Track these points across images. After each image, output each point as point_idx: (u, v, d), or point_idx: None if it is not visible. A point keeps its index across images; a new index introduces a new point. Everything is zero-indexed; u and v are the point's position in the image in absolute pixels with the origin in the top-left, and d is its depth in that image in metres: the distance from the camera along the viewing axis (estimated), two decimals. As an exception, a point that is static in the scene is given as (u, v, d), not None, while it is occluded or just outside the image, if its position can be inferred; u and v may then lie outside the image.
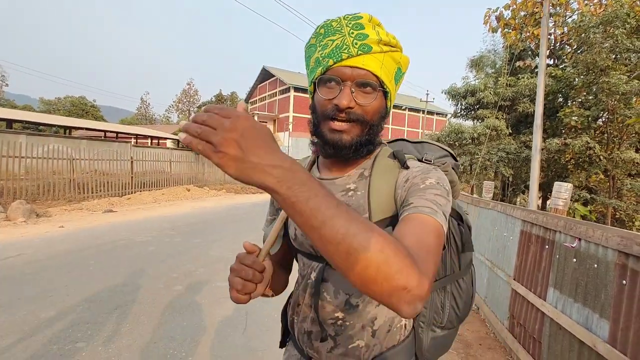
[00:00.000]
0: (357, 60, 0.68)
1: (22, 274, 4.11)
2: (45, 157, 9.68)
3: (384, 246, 0.46)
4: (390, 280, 0.45)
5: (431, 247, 0.56)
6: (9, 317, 3.05)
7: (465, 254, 0.85)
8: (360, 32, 0.68)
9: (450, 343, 0.92)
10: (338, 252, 0.45)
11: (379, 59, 0.69)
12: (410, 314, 0.48)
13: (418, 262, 0.49)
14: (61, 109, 43.56)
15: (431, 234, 0.58)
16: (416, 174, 0.72)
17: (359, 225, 0.46)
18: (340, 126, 0.70)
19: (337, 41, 0.68)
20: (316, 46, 0.71)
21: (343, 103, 0.67)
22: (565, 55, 12.54)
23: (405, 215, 0.63)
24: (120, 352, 2.62)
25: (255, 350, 2.76)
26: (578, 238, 2.10)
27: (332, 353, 0.77)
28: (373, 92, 0.70)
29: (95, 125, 23.42)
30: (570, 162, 10.94)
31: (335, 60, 0.68)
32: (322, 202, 0.44)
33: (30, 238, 5.87)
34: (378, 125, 0.74)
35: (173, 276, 4.32)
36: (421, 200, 0.64)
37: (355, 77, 0.68)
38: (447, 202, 0.67)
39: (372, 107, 0.71)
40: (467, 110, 14.34)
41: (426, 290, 0.47)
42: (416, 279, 0.46)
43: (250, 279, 0.61)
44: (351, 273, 0.46)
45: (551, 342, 2.31)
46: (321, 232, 0.44)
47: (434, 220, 0.60)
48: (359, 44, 0.67)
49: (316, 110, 0.74)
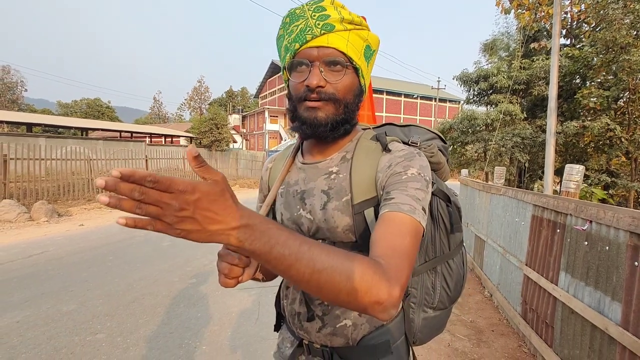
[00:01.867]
0: (322, 39, 0.69)
1: (46, 270, 4.29)
2: (64, 158, 9.99)
3: (350, 273, 0.49)
4: (362, 300, 0.50)
5: (406, 250, 0.58)
6: (34, 310, 3.20)
7: (454, 235, 0.85)
8: (322, 14, 0.69)
9: (444, 324, 0.93)
10: (310, 288, 0.49)
11: (344, 37, 0.70)
12: (387, 319, 0.53)
13: (389, 272, 0.53)
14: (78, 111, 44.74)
15: (407, 235, 0.60)
16: (399, 161, 0.72)
17: (324, 259, 0.49)
18: (314, 104, 0.71)
19: (301, 25, 0.69)
20: (284, 35, 0.73)
21: (313, 82, 0.68)
22: (583, 34, 12.02)
23: (385, 213, 0.64)
24: (138, 342, 2.72)
25: (267, 339, 2.82)
26: (589, 220, 2.05)
27: (320, 333, 0.78)
28: (342, 70, 0.71)
29: (110, 126, 23.99)
30: (589, 145, 10.57)
31: (301, 43, 0.69)
32: (284, 248, 0.47)
33: (52, 236, 6.11)
34: (353, 103, 0.75)
35: (187, 270, 4.43)
36: (402, 195, 0.65)
37: (322, 56, 0.69)
38: (426, 194, 0.68)
39: (342, 84, 0.71)
40: (480, 96, 13.97)
41: (397, 297, 0.52)
42: (386, 292, 0.51)
43: (236, 264, 0.62)
44: (327, 300, 0.51)
45: (563, 326, 2.27)
46: (290, 274, 0.48)
47: (412, 219, 0.62)
48: (321, 24, 0.69)
49: (291, 95, 0.75)
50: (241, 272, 0.63)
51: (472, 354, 2.71)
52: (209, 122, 18.31)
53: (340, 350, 0.78)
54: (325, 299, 0.51)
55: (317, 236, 0.77)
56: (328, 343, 0.78)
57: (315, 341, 0.80)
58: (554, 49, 6.16)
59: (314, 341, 0.80)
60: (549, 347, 2.42)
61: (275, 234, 0.47)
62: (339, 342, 0.77)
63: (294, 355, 0.85)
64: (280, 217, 0.84)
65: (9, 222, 7.07)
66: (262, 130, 36.28)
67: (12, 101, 39.75)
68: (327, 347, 0.79)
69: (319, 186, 0.77)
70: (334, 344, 0.78)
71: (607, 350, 1.84)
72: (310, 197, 0.78)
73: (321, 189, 0.77)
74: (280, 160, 0.91)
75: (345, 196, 0.74)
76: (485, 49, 15.36)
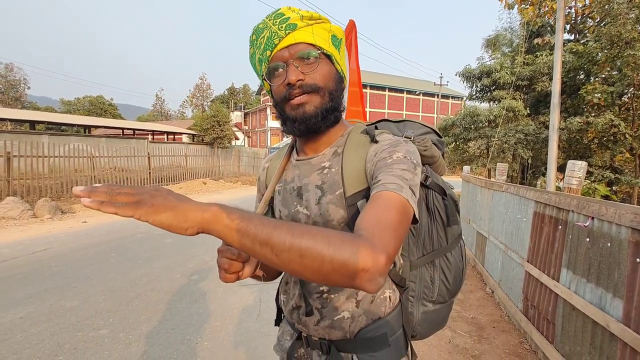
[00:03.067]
0: (288, 39, 0.71)
1: (49, 267, 4.32)
2: (67, 155, 10.04)
3: (329, 239, 0.49)
4: (346, 267, 0.48)
5: (390, 222, 0.57)
6: (37, 306, 3.23)
7: (451, 228, 0.85)
8: (283, 18, 0.72)
9: (445, 319, 0.93)
10: (291, 259, 0.48)
11: (308, 31, 0.73)
12: (375, 290, 0.50)
13: (372, 240, 0.52)
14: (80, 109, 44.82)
15: (392, 209, 0.59)
16: (384, 147, 0.73)
17: (301, 229, 0.49)
18: (300, 99, 0.72)
19: (267, 34, 0.73)
20: (255, 51, 0.76)
21: (292, 79, 0.71)
22: (587, 29, 11.91)
23: (372, 194, 0.64)
24: (140, 338, 2.74)
25: (268, 335, 2.84)
26: (591, 217, 2.03)
27: (318, 325, 0.79)
28: (315, 60, 0.73)
29: (113, 123, 24.04)
30: (593, 142, 10.49)
31: (271, 49, 0.72)
32: (259, 219, 0.50)
33: (55, 233, 6.15)
34: (336, 90, 0.76)
35: (189, 267, 4.45)
36: (387, 176, 0.66)
37: (293, 53, 0.72)
38: (414, 175, 0.68)
39: (320, 73, 0.73)
40: (483, 92, 13.88)
41: (384, 264, 0.50)
42: (370, 258, 0.49)
43: (235, 258, 0.63)
44: (311, 274, 0.49)
45: (565, 323, 2.26)
46: (271, 243, 0.48)
47: (398, 195, 0.62)
48: (284, 26, 0.72)
49: (275, 100, 0.77)
50: (241, 267, 0.64)
51: (473, 350, 2.71)
52: (211, 119, 18.31)
53: (338, 343, 0.79)
54: (307, 271, 0.49)
55: None
56: (326, 336, 0.79)
57: (313, 334, 0.81)
58: (557, 45, 6.11)
59: (312, 334, 0.81)
60: (550, 343, 2.41)
61: (247, 214, 0.50)
62: (337, 334, 0.78)
63: (293, 348, 0.86)
64: (279, 214, 0.85)
65: (12, 219, 7.12)
66: (264, 127, 36.27)
67: (15, 99, 39.91)
68: (325, 339, 0.80)
69: (313, 181, 0.79)
70: (331, 336, 0.79)
71: (608, 346, 1.83)
72: (306, 192, 0.79)
73: (315, 184, 0.78)
74: (277, 159, 0.93)
75: (338, 190, 0.75)
76: (488, 44, 15.25)
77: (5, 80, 39.46)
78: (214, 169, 17.23)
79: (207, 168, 16.75)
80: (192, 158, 15.77)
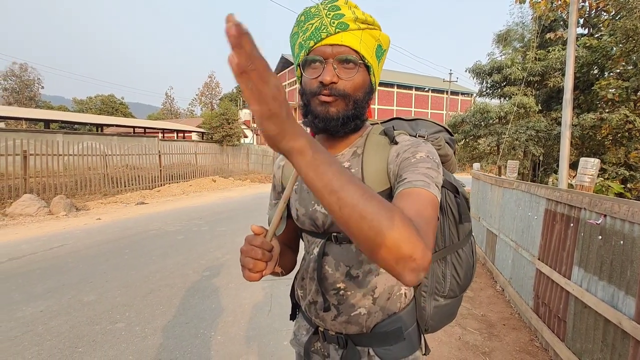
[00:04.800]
0: (336, 37, 0.71)
1: (66, 263, 4.45)
2: (81, 154, 10.25)
3: (394, 215, 0.48)
4: (399, 247, 0.47)
5: (429, 219, 0.58)
6: (56, 301, 3.33)
7: (463, 225, 0.87)
8: (337, 13, 0.71)
9: (455, 312, 0.95)
10: (352, 216, 0.47)
11: (357, 36, 0.72)
12: (413, 282, 0.49)
13: (421, 233, 0.51)
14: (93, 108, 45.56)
15: (428, 205, 0.60)
16: (406, 148, 0.74)
17: (372, 193, 0.48)
18: (326, 99, 0.73)
19: (316, 24, 0.71)
20: (298, 33, 0.75)
21: (326, 79, 0.70)
22: (602, 23, 11.64)
23: (400, 191, 0.65)
24: (156, 331, 2.82)
25: (279, 330, 2.89)
26: (603, 214, 2.02)
27: (336, 321, 0.81)
28: (354, 67, 0.72)
29: (124, 122, 24.40)
30: (607, 138, 10.28)
31: (315, 41, 0.71)
32: (338, 168, 0.48)
33: (71, 230, 6.31)
34: (363, 100, 0.76)
35: (201, 262, 4.53)
36: (414, 174, 0.66)
37: (335, 54, 0.71)
38: (438, 174, 0.69)
39: (354, 81, 0.73)
40: (493, 89, 13.70)
41: (429, 261, 0.49)
42: (421, 249, 0.48)
43: (260, 258, 0.65)
44: (363, 239, 0.48)
45: (576, 321, 2.26)
46: (339, 195, 0.46)
47: (428, 192, 0.63)
48: (336, 23, 0.70)
49: (304, 91, 0.77)
50: (265, 267, 0.66)
51: (483, 347, 2.72)
52: (220, 117, 18.43)
53: (355, 337, 0.81)
54: (360, 234, 0.47)
55: (332, 229, 0.80)
56: (343, 330, 0.82)
57: (330, 329, 0.83)
58: (570, 39, 6.01)
59: (329, 329, 0.84)
60: (561, 341, 2.41)
61: (330, 157, 0.48)
62: (354, 329, 0.81)
63: (310, 342, 0.89)
64: (296, 213, 0.86)
65: (30, 216, 7.32)
66: (272, 125, 36.25)
67: (30, 98, 40.75)
68: (342, 334, 0.82)
69: None
70: (348, 331, 0.81)
71: (620, 344, 1.83)
72: None
73: None
74: None
75: None
76: (499, 40, 15.02)
77: (20, 80, 40.31)
78: (223, 167, 17.38)
79: (217, 166, 16.91)
80: (201, 156, 15.93)
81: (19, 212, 7.37)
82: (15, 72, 40.10)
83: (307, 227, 0.85)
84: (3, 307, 3.19)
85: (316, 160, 0.46)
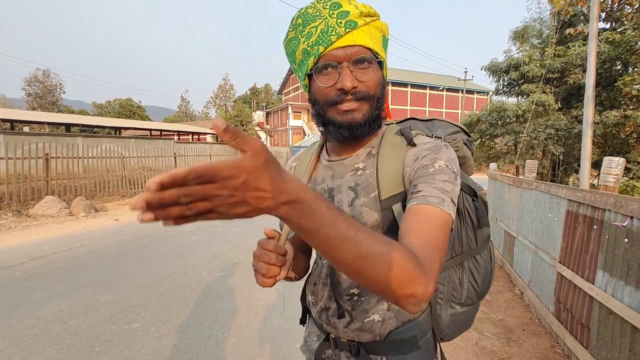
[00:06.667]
0: (347, 38, 0.66)
1: (85, 262, 4.56)
2: (99, 156, 10.52)
3: (392, 263, 0.48)
4: (398, 291, 0.48)
5: (438, 243, 0.57)
6: (75, 300, 3.41)
7: (481, 230, 0.83)
8: (341, 11, 0.66)
9: (472, 320, 0.91)
10: (349, 271, 0.48)
11: (366, 32, 0.68)
12: (416, 312, 0.52)
13: (425, 266, 0.51)
14: (111, 111, 46.83)
15: (437, 228, 0.59)
16: (426, 154, 0.70)
17: (370, 246, 0.47)
18: (350, 106, 0.69)
19: (321, 26, 0.66)
20: (298, 38, 0.69)
21: (347, 85, 0.66)
22: (625, 17, 11.21)
23: (413, 206, 0.62)
24: (170, 332, 2.85)
25: (292, 332, 2.87)
26: (630, 216, 1.93)
27: (348, 328, 0.78)
28: (370, 66, 0.69)
29: (141, 124, 24.96)
30: (631, 136, 9.89)
31: (325, 45, 0.66)
32: (331, 230, 0.45)
33: (90, 231, 6.47)
34: (382, 97, 0.74)
35: (215, 263, 4.56)
36: (429, 188, 0.64)
37: (350, 56, 0.67)
38: (455, 186, 0.66)
39: (373, 80, 0.70)
40: (510, 86, 13.37)
41: (431, 292, 0.50)
42: (422, 286, 0.49)
43: (273, 263, 0.62)
44: (363, 284, 0.50)
45: (600, 327, 2.16)
46: (333, 255, 0.47)
47: (442, 211, 0.61)
48: (344, 22, 0.66)
49: (317, 100, 0.72)
50: (278, 272, 0.64)
51: (502, 353, 2.64)
52: (234, 119, 18.69)
53: (367, 345, 0.78)
54: (361, 284, 0.50)
55: None
56: (355, 338, 0.79)
57: (342, 336, 0.80)
58: (591, 34, 5.80)
59: (341, 336, 0.81)
60: (585, 348, 2.31)
61: (324, 214, 0.44)
62: (367, 337, 0.78)
63: (320, 349, 0.86)
64: None
65: (51, 217, 7.56)
66: (285, 126, 36.56)
67: (52, 103, 42.25)
68: (354, 341, 0.79)
69: (346, 183, 0.77)
70: (361, 339, 0.78)
71: (649, 353, 1.74)
72: (338, 194, 0.78)
73: (348, 185, 0.76)
74: (304, 158, 0.90)
75: (372, 192, 0.73)
76: (516, 36, 14.68)
77: (43, 85, 41.83)
78: (237, 168, 17.54)
79: (231, 167, 17.07)
80: (216, 157, 16.15)
81: (41, 213, 7.61)
82: (38, 78, 41.66)
83: None
84: (25, 305, 3.29)
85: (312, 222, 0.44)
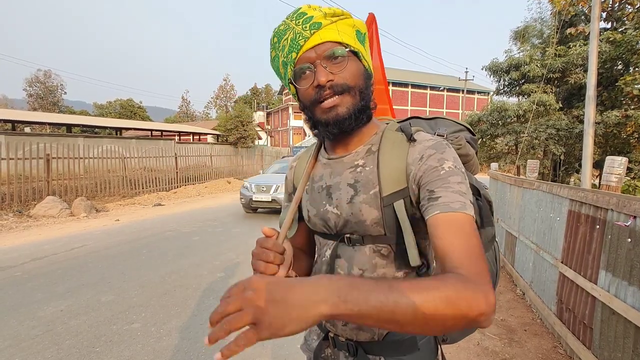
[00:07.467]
0: (314, 38, 0.69)
1: (85, 263, 4.55)
2: (100, 157, 10.53)
3: (447, 297, 0.48)
4: (467, 318, 0.49)
5: (479, 251, 0.58)
6: (76, 300, 3.41)
7: (485, 230, 0.81)
8: (305, 18, 0.69)
9: None
10: (415, 329, 0.48)
11: (333, 29, 0.70)
12: (490, 324, 0.52)
13: (477, 281, 0.52)
14: (112, 112, 46.81)
15: (472, 235, 0.59)
16: (431, 153, 0.70)
17: (419, 293, 0.48)
18: (331, 102, 0.70)
19: (290, 36, 0.70)
20: (277, 54, 0.73)
21: (321, 80, 0.68)
22: (626, 17, 11.19)
23: (438, 215, 0.62)
24: (171, 332, 2.84)
25: (293, 333, 2.86)
26: (633, 216, 1.92)
27: (347, 326, 0.78)
28: (344, 59, 0.70)
29: (142, 125, 24.96)
30: (632, 136, 9.87)
31: (297, 51, 0.70)
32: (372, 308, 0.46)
33: (91, 231, 6.47)
34: (366, 87, 0.74)
35: (215, 264, 4.56)
36: (448, 193, 0.63)
37: (320, 54, 0.69)
38: (467, 187, 0.67)
39: (349, 71, 0.71)
40: (511, 86, 13.35)
41: (493, 300, 0.51)
42: (484, 302, 0.49)
43: (271, 261, 0.63)
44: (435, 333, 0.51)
45: (603, 328, 2.15)
46: (388, 327, 0.47)
47: (466, 215, 0.61)
48: (308, 26, 0.69)
49: (304, 104, 0.75)
50: (277, 270, 0.64)
51: (504, 353, 2.63)
52: (234, 119, 18.66)
53: (366, 345, 0.78)
54: (434, 330, 0.50)
55: (345, 230, 0.77)
56: (354, 337, 0.78)
57: (341, 334, 0.80)
58: (592, 34, 5.78)
59: (340, 334, 0.80)
60: (587, 349, 2.30)
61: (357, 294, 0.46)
62: (365, 336, 0.77)
63: (320, 348, 0.85)
64: (307, 214, 0.84)
65: (52, 217, 7.56)
66: (286, 127, 36.58)
67: (53, 103, 42.27)
68: (353, 340, 0.79)
69: (345, 180, 0.77)
70: (359, 338, 0.78)
71: (652, 354, 1.72)
72: (337, 191, 0.77)
73: (347, 182, 0.76)
74: (304, 158, 0.91)
75: (373, 189, 0.72)
76: (517, 36, 14.66)
77: (44, 86, 41.87)
78: (238, 169, 17.57)
79: (231, 167, 17.10)
80: (216, 158, 16.15)
81: (42, 213, 7.62)
82: (40, 78, 41.70)
83: (319, 229, 0.82)
84: (26, 305, 3.29)
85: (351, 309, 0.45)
